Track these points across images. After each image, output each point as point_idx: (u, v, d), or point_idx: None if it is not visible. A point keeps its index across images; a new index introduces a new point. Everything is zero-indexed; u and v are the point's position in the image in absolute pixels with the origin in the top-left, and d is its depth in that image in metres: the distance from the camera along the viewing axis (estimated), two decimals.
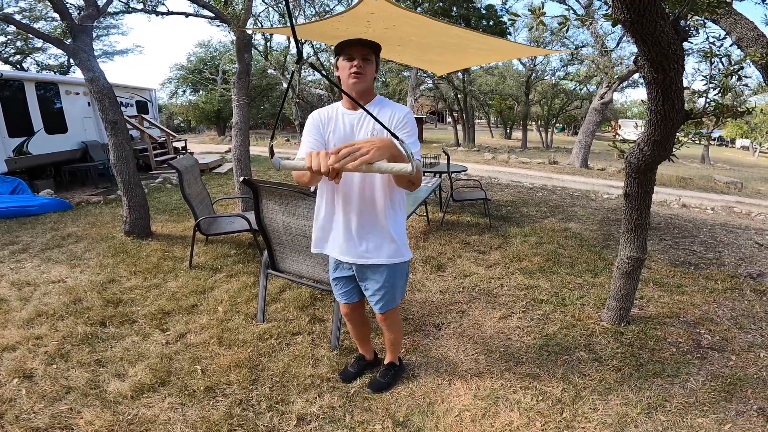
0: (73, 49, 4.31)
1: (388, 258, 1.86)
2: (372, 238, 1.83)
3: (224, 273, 3.76)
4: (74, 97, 8.71)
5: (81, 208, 6.12)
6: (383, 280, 1.91)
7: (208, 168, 9.82)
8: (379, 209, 1.80)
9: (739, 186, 11.48)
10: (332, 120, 1.81)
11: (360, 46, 1.70)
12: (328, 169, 1.18)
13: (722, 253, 4.68)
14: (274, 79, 23.32)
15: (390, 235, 1.84)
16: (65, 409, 2.11)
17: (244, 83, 5.14)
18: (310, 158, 1.21)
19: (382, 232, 1.83)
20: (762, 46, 2.97)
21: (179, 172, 3.77)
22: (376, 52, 1.76)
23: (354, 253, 1.86)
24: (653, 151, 2.43)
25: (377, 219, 1.82)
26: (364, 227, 1.82)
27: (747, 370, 2.51)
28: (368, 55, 1.72)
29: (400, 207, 1.88)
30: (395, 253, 1.86)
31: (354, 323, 2.25)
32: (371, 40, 1.73)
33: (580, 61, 18.08)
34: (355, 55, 1.69)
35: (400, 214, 1.89)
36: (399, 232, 1.88)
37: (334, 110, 1.84)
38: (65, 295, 3.31)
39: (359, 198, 1.79)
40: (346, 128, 1.79)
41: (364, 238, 1.83)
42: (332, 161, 1.18)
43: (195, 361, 2.50)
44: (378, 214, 1.81)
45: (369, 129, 1.76)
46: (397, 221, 1.87)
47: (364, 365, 2.42)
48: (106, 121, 4.39)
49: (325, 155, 1.20)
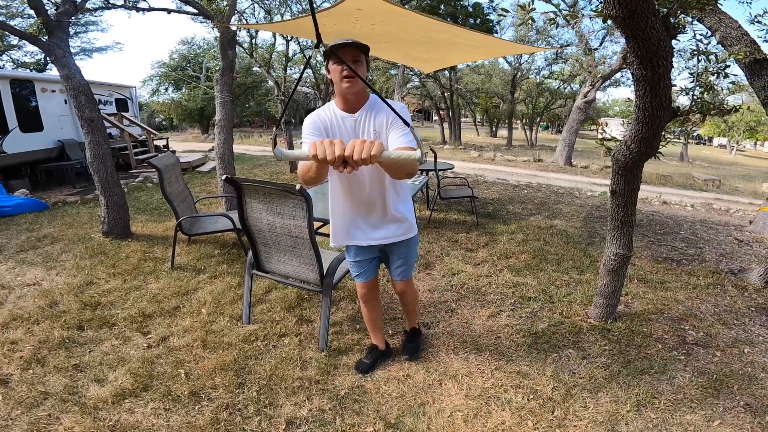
0: (49, 46, 4.16)
1: (403, 235, 2.11)
2: (387, 223, 2.05)
3: (208, 274, 3.67)
4: (50, 94, 8.44)
5: (57, 209, 5.93)
6: (403, 253, 2.17)
7: (191, 166, 9.64)
8: (388, 198, 1.98)
9: (718, 183, 11.76)
10: (333, 124, 1.85)
11: (349, 48, 1.70)
12: (334, 157, 1.14)
13: (703, 249, 4.77)
14: (260, 76, 23.03)
15: (401, 216, 2.06)
16: (43, 416, 2.04)
17: (228, 80, 5.04)
18: (315, 146, 1.15)
19: (395, 216, 2.04)
20: (745, 45, 3.01)
21: (159, 170, 3.66)
22: (366, 53, 1.77)
23: (375, 238, 2.08)
24: (640, 148, 2.44)
25: (387, 207, 2.00)
26: (378, 216, 2.02)
27: (732, 366, 2.55)
28: (358, 56, 1.73)
29: (404, 189, 2.09)
30: (408, 230, 2.11)
31: (369, 305, 2.37)
32: (360, 43, 1.72)
33: (564, 60, 18.31)
34: (346, 57, 1.70)
35: (405, 196, 2.10)
36: (408, 211, 2.11)
37: (331, 113, 1.86)
38: (41, 298, 3.18)
39: (368, 191, 1.95)
40: (348, 131, 1.85)
41: (379, 226, 2.05)
42: (339, 149, 1.13)
43: (178, 365, 2.43)
44: (387, 202, 1.99)
45: (370, 130, 1.82)
46: (405, 203, 2.09)
47: (378, 355, 2.50)
48: (82, 118, 4.25)
49: (330, 143, 1.15)
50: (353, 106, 1.82)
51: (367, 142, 1.13)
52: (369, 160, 1.12)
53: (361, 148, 1.13)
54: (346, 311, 3.09)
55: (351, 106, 1.82)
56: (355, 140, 1.15)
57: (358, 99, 1.81)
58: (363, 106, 1.84)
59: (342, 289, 3.42)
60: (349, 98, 1.80)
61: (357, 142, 1.14)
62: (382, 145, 1.14)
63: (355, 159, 1.12)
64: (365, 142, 1.14)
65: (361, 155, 1.12)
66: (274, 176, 8.96)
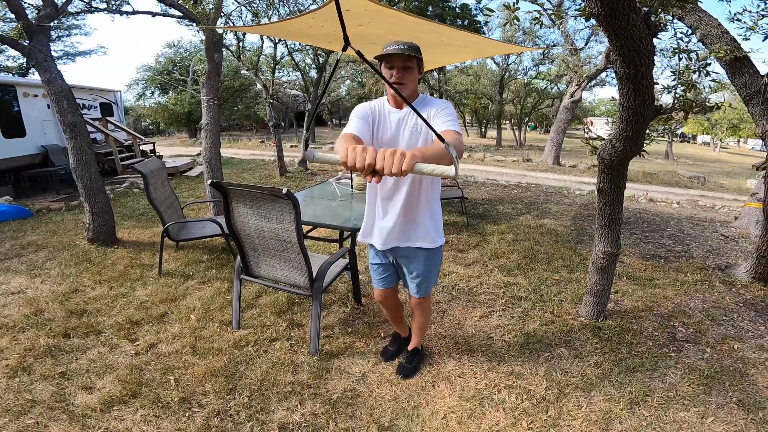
0: (29, 50, 4.09)
1: (424, 243, 2.05)
2: (412, 229, 2.03)
3: (196, 279, 3.62)
4: (33, 99, 8.29)
5: (42, 216, 5.81)
6: (421, 267, 2.10)
7: (179, 171, 9.53)
8: (417, 203, 1.98)
9: (702, 180, 11.96)
10: (381, 114, 1.94)
11: (399, 55, 1.78)
12: (364, 166, 1.10)
13: (690, 246, 4.83)
14: (248, 79, 22.88)
15: (426, 225, 2.03)
16: (31, 423, 2.01)
17: (214, 83, 4.99)
18: (347, 153, 1.12)
19: (421, 223, 2.02)
20: (726, 43, 3.05)
21: (144, 176, 3.60)
22: (418, 58, 1.84)
23: (395, 240, 2.05)
24: (625, 146, 2.46)
25: (415, 212, 2.00)
26: (404, 219, 2.00)
27: (723, 362, 2.57)
28: (408, 62, 1.81)
29: (435, 199, 2.07)
30: (431, 240, 2.06)
31: (388, 308, 2.40)
32: (411, 50, 1.79)
33: (551, 61, 18.49)
34: (395, 64, 1.79)
35: (435, 205, 2.08)
36: (435, 221, 2.07)
37: (381, 105, 1.96)
38: (26, 306, 3.12)
39: (398, 194, 1.97)
40: (392, 124, 1.92)
41: (403, 230, 2.03)
42: (369, 158, 1.09)
43: (167, 372, 2.39)
44: (415, 208, 1.99)
45: (411, 125, 1.90)
46: (433, 212, 2.06)
47: (402, 341, 2.60)
48: (64, 123, 4.18)
49: (362, 150, 1.10)
50: (401, 103, 1.92)
51: (398, 154, 1.08)
52: (399, 174, 1.08)
53: (391, 161, 1.08)
54: (337, 315, 3.07)
55: (399, 103, 1.92)
56: (386, 150, 1.10)
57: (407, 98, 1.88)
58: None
59: (333, 293, 3.40)
60: (398, 98, 1.90)
61: (388, 153, 1.09)
62: (414, 158, 1.09)
63: (386, 173, 1.09)
64: (396, 153, 1.08)
65: (391, 169, 1.08)
66: (264, 180, 8.90)
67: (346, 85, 28.03)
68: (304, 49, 11.50)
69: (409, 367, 2.44)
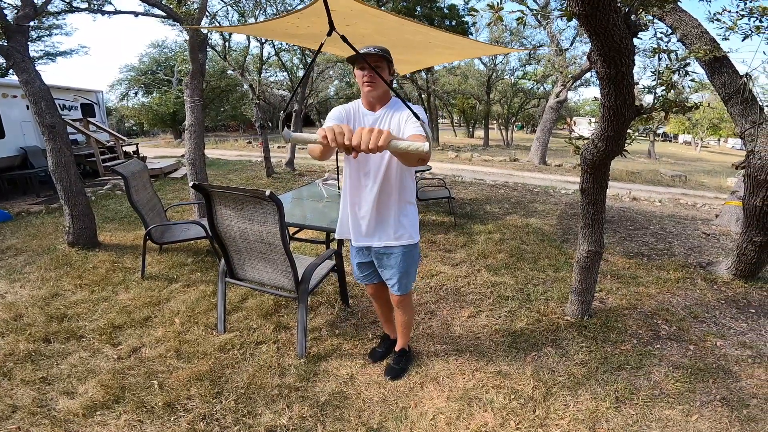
0: (7, 51, 4.00)
1: (399, 241, 2.06)
2: (384, 227, 2.05)
3: (181, 283, 3.57)
4: (12, 100, 8.08)
5: (21, 219, 5.67)
6: (398, 265, 2.10)
7: (163, 173, 9.38)
8: (388, 199, 2.01)
9: (684, 179, 12.19)
10: (356, 117, 2.00)
11: (372, 56, 1.85)
12: (343, 142, 1.16)
13: (672, 244, 4.91)
14: (234, 80, 22.66)
15: (399, 223, 2.04)
16: (13, 428, 1.99)
17: (198, 84, 4.92)
18: (324, 131, 1.18)
19: (395, 221, 2.04)
20: (705, 43, 3.10)
21: (124, 177, 3.53)
22: (388, 59, 1.92)
23: (369, 239, 2.07)
24: (607, 146, 2.49)
25: (389, 209, 2.02)
26: (377, 216, 2.03)
27: (706, 359, 2.61)
28: (379, 62, 1.88)
29: (409, 196, 2.07)
30: (408, 237, 2.07)
31: (379, 302, 2.45)
32: (381, 51, 1.88)
33: (537, 61, 18.67)
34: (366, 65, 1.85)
35: (409, 202, 2.08)
36: (409, 218, 2.08)
37: (356, 109, 2.02)
38: (4, 311, 3.05)
39: (371, 190, 1.99)
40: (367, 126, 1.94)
41: (377, 228, 2.05)
42: (347, 136, 1.15)
43: (151, 376, 2.35)
44: (386, 205, 2.02)
45: (386, 127, 1.93)
46: (406, 209, 2.06)
47: (390, 344, 2.59)
48: (42, 125, 4.08)
49: (339, 128, 1.17)
50: (374, 106, 1.98)
51: (375, 131, 1.15)
52: (375, 149, 1.14)
53: (368, 137, 1.14)
54: (324, 317, 3.05)
55: (372, 105, 1.98)
56: (363, 128, 1.16)
57: (380, 100, 1.97)
58: (384, 106, 1.98)
59: (320, 294, 3.38)
60: (370, 100, 1.96)
61: (365, 130, 1.15)
62: (390, 135, 1.15)
63: (362, 149, 1.14)
64: (373, 131, 1.15)
65: (368, 145, 1.14)
66: (250, 182, 8.81)
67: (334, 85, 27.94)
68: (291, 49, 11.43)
69: (397, 369, 2.43)
